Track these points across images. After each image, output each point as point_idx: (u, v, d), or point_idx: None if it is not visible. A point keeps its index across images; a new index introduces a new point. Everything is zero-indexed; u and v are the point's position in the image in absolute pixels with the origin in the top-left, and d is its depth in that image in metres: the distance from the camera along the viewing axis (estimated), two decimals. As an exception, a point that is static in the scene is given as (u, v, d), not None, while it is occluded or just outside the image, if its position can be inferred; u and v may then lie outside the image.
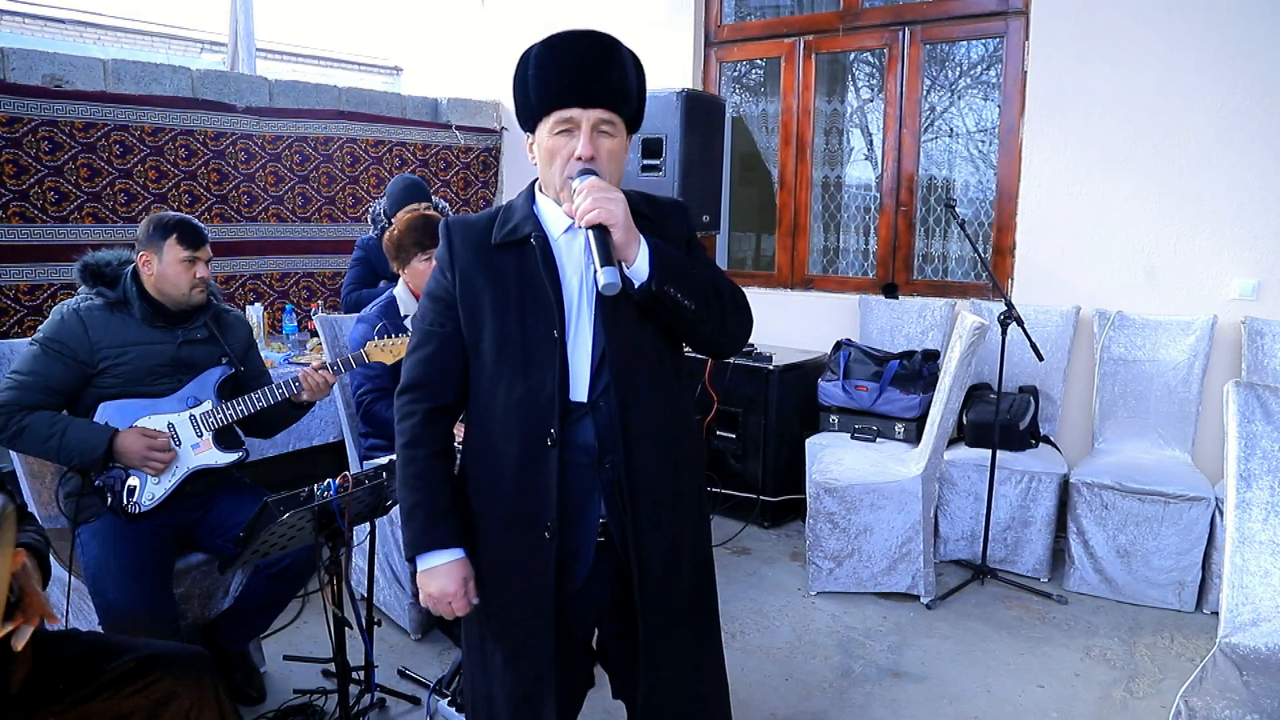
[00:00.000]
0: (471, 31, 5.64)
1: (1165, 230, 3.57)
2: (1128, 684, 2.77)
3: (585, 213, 1.36)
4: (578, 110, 1.41)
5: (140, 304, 2.39)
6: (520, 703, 1.54)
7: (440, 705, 2.46)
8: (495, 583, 1.54)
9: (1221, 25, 3.37)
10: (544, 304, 1.45)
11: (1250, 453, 1.87)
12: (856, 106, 4.64)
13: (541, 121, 1.45)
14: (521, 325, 1.46)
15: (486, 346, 1.49)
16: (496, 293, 1.48)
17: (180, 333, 2.45)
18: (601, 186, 1.39)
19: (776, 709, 2.62)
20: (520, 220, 1.50)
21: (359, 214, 4.67)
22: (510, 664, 1.54)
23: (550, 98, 1.42)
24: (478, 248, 1.51)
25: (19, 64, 3.47)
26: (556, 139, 1.43)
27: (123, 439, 2.28)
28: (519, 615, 1.52)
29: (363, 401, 2.91)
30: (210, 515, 2.48)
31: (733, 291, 1.54)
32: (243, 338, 2.62)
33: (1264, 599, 1.79)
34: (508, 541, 1.51)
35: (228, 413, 2.43)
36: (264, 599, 2.52)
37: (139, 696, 1.64)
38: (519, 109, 1.49)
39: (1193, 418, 3.53)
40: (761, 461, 4.04)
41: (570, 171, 1.43)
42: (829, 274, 4.65)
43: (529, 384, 1.46)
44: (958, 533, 3.62)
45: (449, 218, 1.58)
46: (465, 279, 1.50)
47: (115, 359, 2.34)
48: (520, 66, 1.46)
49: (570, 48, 1.42)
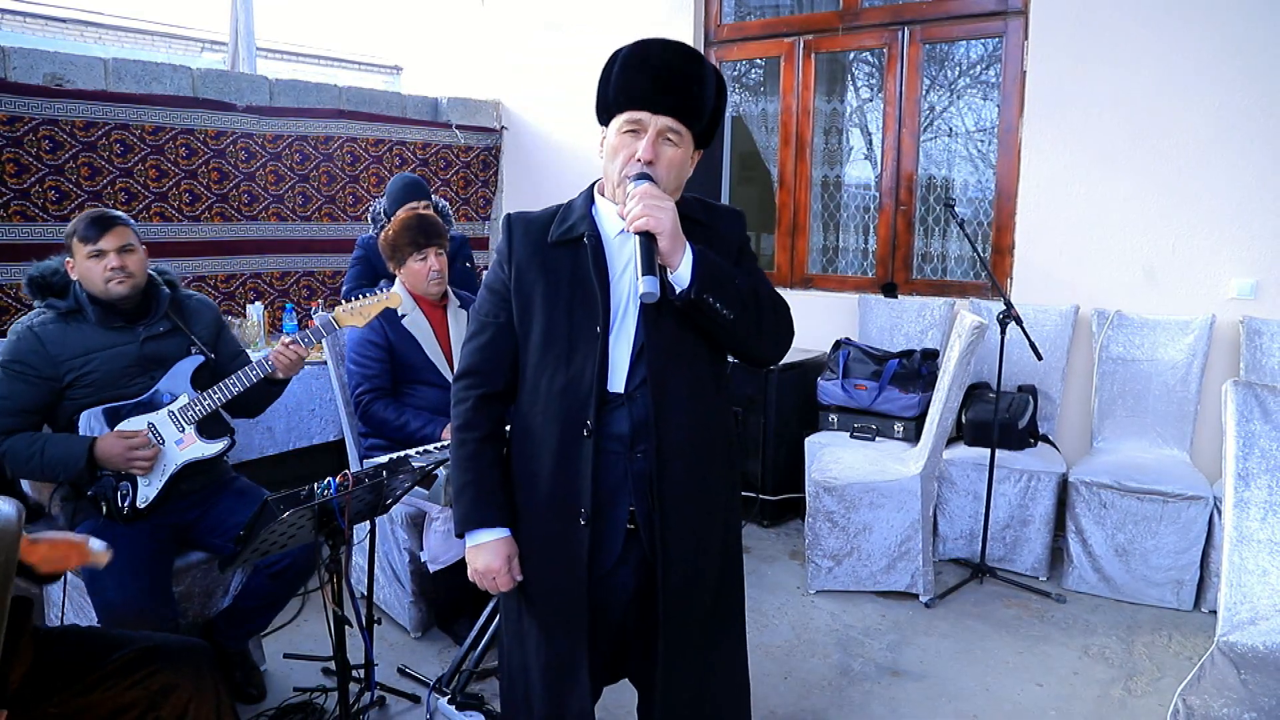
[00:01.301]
0: (472, 31, 5.63)
1: (1164, 230, 3.58)
2: (1126, 682, 2.77)
3: (635, 218, 1.42)
4: (646, 114, 1.47)
5: (93, 308, 2.33)
6: (554, 673, 1.61)
7: (440, 703, 2.46)
8: (534, 563, 1.62)
9: (1220, 25, 3.37)
10: (591, 301, 1.52)
11: (1248, 452, 1.87)
12: (856, 106, 4.65)
13: (614, 119, 1.50)
14: (569, 320, 1.53)
15: (535, 338, 1.56)
16: (549, 287, 1.55)
17: (141, 329, 2.39)
18: (654, 194, 1.44)
19: (776, 707, 2.62)
20: (577, 220, 1.56)
21: (359, 213, 4.67)
22: (545, 638, 1.62)
23: (625, 97, 1.47)
24: (535, 244, 1.57)
25: (20, 63, 3.47)
26: (623, 137, 1.49)
27: (102, 445, 2.26)
28: (554, 594, 1.60)
29: (360, 401, 2.91)
30: (208, 515, 2.47)
31: (774, 302, 1.59)
32: (209, 323, 2.56)
33: (1262, 598, 1.79)
34: (546, 524, 1.59)
35: (205, 403, 2.39)
36: (264, 598, 2.51)
37: (138, 689, 1.64)
38: (598, 103, 1.54)
39: (1191, 417, 3.53)
40: (761, 460, 4.05)
41: (629, 172, 1.48)
42: (828, 273, 4.66)
43: (569, 374, 1.53)
44: (957, 531, 3.63)
45: (512, 213, 1.62)
46: (520, 273, 1.57)
47: (81, 369, 2.30)
48: (608, 63, 1.52)
49: (657, 54, 1.48)
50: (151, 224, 3.90)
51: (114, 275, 2.30)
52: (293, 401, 3.66)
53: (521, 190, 5.43)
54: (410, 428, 2.82)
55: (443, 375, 2.94)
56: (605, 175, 1.56)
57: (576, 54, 5.07)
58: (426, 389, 2.92)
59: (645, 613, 1.62)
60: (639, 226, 1.42)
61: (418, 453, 2.55)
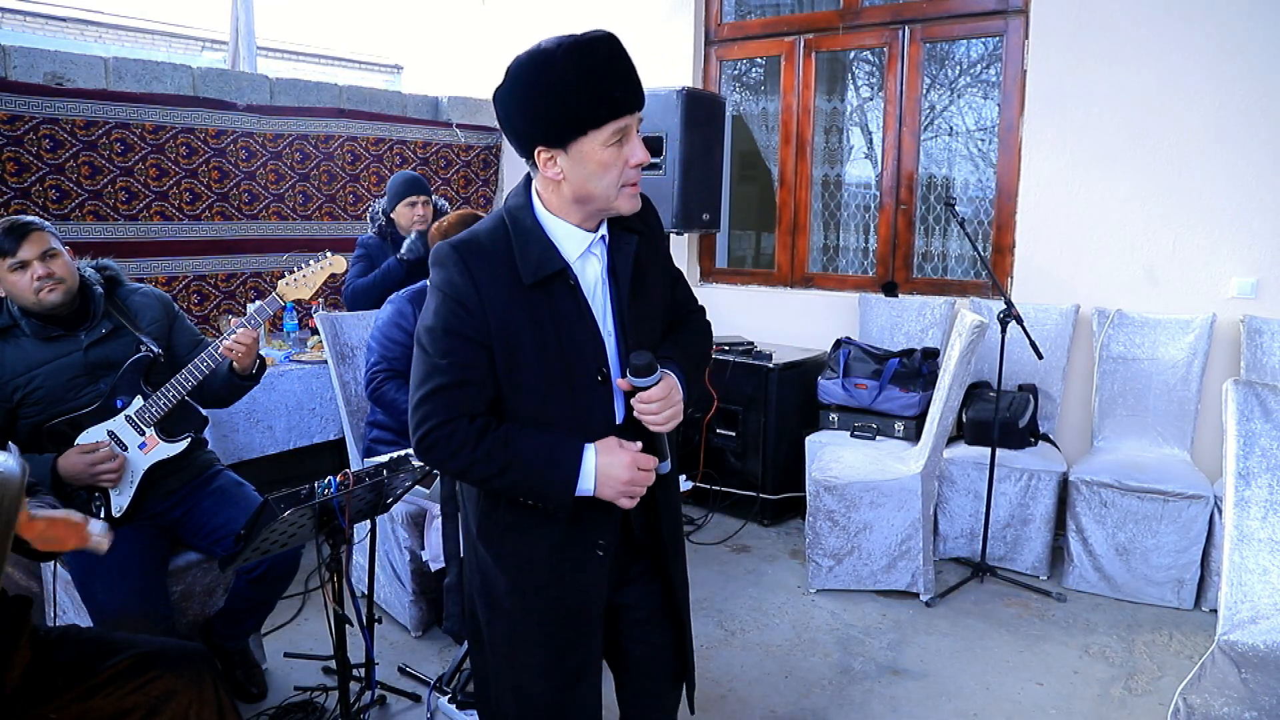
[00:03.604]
0: (472, 29, 5.64)
1: (1164, 229, 3.58)
2: (1126, 681, 2.77)
3: (662, 424, 1.45)
4: (630, 116, 1.37)
5: (27, 322, 2.24)
6: (563, 691, 1.58)
7: (440, 702, 2.46)
8: (548, 593, 1.55)
9: (1221, 25, 3.37)
10: (585, 345, 1.46)
11: (1249, 450, 1.87)
12: (856, 105, 4.65)
13: (590, 134, 1.35)
14: (567, 369, 1.45)
15: (529, 384, 1.46)
16: (536, 335, 1.43)
17: (83, 335, 2.29)
18: (675, 398, 1.46)
19: (776, 706, 2.62)
20: (541, 253, 1.42)
21: (359, 212, 4.67)
22: (554, 660, 1.57)
23: (607, 107, 1.34)
24: (509, 286, 1.41)
25: (20, 62, 3.47)
26: (612, 150, 1.37)
27: (64, 463, 2.18)
28: (566, 618, 1.56)
29: (374, 379, 2.85)
30: (192, 517, 2.43)
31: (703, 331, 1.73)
32: (157, 317, 2.45)
33: (1263, 597, 1.79)
34: (560, 554, 1.54)
35: (161, 401, 2.30)
36: (248, 600, 2.49)
37: (138, 694, 1.63)
38: (550, 124, 1.35)
39: (1192, 416, 3.53)
40: (761, 459, 4.05)
41: (628, 179, 1.41)
42: (829, 272, 4.66)
43: (575, 414, 1.48)
44: (957, 530, 3.63)
45: (455, 242, 1.44)
46: (502, 321, 1.41)
47: (26, 387, 2.21)
48: (534, 76, 1.34)
49: (608, 48, 1.35)
50: (152, 223, 3.90)
51: (43, 284, 2.19)
52: (293, 401, 3.66)
53: (522, 189, 5.42)
54: None
55: None
56: (585, 193, 1.41)
57: (577, 53, 5.07)
58: None
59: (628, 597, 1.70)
60: (667, 429, 1.46)
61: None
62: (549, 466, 1.42)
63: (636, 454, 1.46)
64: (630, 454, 1.45)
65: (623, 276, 1.49)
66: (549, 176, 1.40)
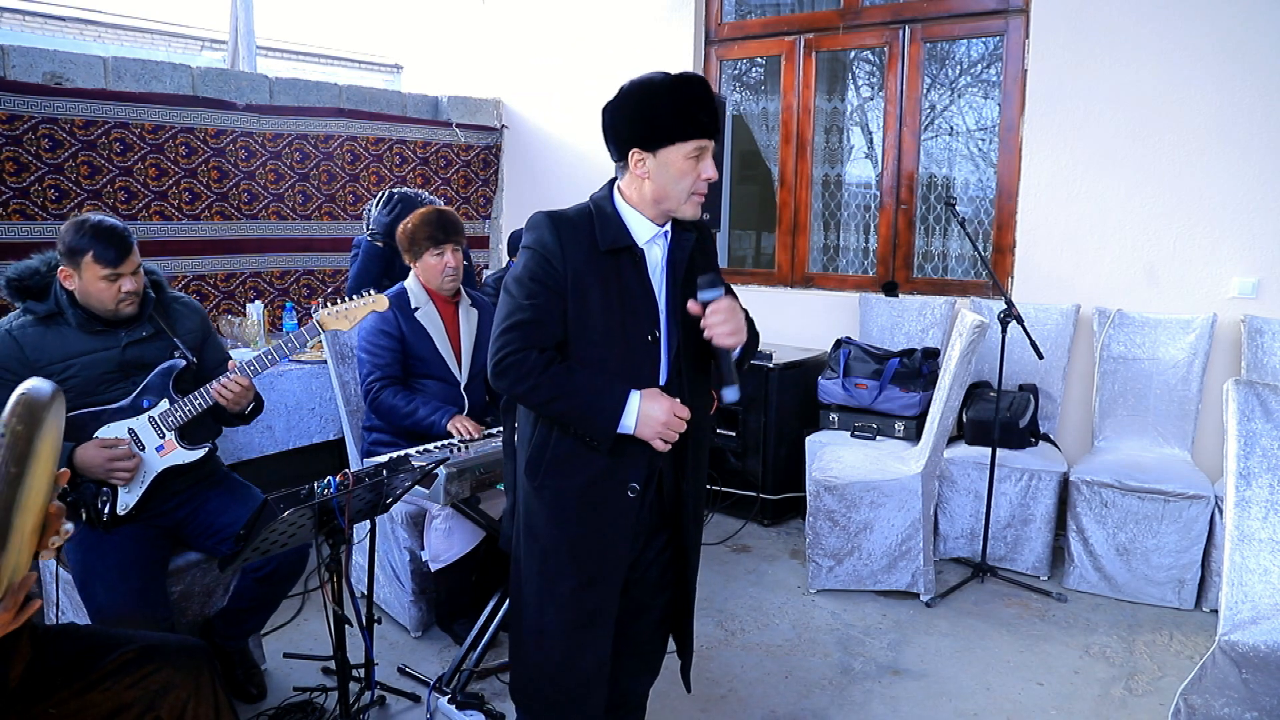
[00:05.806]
0: (472, 29, 5.63)
1: (1165, 228, 3.57)
2: (1127, 681, 2.77)
3: (724, 337, 1.69)
4: (707, 140, 1.69)
5: (74, 311, 2.26)
6: (578, 628, 1.80)
7: (440, 703, 2.46)
8: (586, 528, 1.78)
9: (1221, 24, 3.37)
10: (643, 310, 1.74)
11: (1250, 450, 1.87)
12: (857, 105, 4.64)
13: (675, 145, 1.67)
14: (624, 328, 1.73)
15: (591, 336, 1.72)
16: (604, 294, 1.72)
17: (124, 334, 2.33)
18: (738, 312, 1.73)
19: (776, 706, 2.62)
20: (617, 230, 1.74)
21: (359, 212, 4.67)
22: (577, 596, 1.79)
23: (693, 127, 1.67)
24: (586, 249, 1.71)
25: (19, 61, 3.47)
26: (690, 161, 1.69)
27: (82, 454, 2.19)
28: (597, 554, 1.78)
29: (370, 389, 2.87)
30: (198, 516, 2.44)
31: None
32: (194, 327, 2.50)
33: (1263, 597, 1.79)
34: (599, 493, 1.76)
35: (186, 409, 2.33)
36: (253, 600, 2.49)
37: (136, 688, 1.64)
38: (642, 130, 1.69)
39: (1192, 416, 3.53)
40: (761, 459, 4.05)
41: (698, 189, 1.71)
42: (829, 272, 4.65)
43: (628, 367, 1.74)
44: (957, 530, 3.63)
45: (550, 212, 1.74)
46: (578, 276, 1.70)
47: (61, 374, 2.22)
48: (642, 95, 1.68)
49: (701, 88, 1.69)
50: (151, 223, 3.90)
51: (128, 298, 2.27)
52: (293, 401, 3.66)
53: (522, 189, 5.43)
54: (419, 414, 2.80)
55: (451, 371, 2.94)
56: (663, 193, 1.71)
57: (577, 53, 5.07)
58: (434, 383, 2.91)
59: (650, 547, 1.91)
60: (730, 345, 1.71)
61: (417, 451, 2.55)
62: (599, 398, 1.69)
63: (675, 403, 1.71)
64: (670, 401, 1.71)
65: (679, 264, 1.79)
66: (637, 174, 1.72)
